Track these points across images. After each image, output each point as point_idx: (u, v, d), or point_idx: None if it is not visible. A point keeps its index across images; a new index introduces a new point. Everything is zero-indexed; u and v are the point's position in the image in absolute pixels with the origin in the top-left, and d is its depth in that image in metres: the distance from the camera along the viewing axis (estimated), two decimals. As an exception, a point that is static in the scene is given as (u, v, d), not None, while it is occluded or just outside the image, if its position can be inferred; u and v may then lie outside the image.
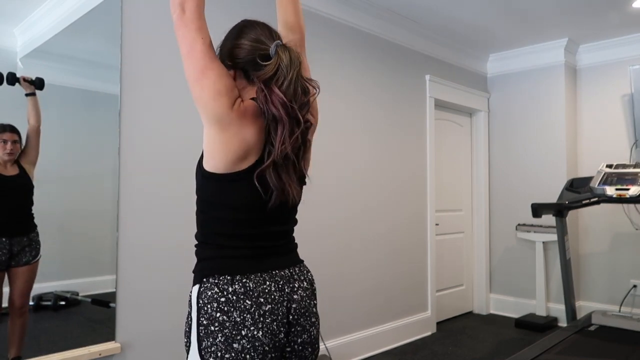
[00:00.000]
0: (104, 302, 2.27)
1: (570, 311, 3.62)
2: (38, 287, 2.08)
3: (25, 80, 2.03)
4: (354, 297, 3.47)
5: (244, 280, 1.10)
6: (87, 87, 2.24)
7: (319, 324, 1.24)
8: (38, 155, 2.08)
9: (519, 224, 4.57)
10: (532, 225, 4.44)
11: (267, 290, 1.11)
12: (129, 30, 2.36)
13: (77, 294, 2.20)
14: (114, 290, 2.27)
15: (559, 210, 3.49)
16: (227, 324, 1.07)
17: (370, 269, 3.62)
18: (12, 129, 2.01)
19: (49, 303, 2.12)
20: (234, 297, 1.08)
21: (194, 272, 1.16)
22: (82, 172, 2.21)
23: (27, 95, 2.05)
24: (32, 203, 2.06)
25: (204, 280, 1.11)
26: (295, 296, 1.17)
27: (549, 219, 4.08)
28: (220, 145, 1.08)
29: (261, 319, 1.09)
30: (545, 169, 4.47)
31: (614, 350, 3.02)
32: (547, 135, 4.47)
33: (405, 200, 3.95)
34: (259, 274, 1.12)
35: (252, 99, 1.16)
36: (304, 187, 1.25)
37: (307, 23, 3.46)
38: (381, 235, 3.72)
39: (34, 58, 2.08)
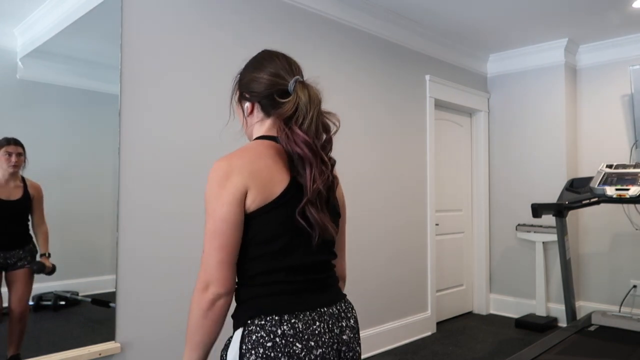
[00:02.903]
0: (104, 302, 2.27)
1: (570, 311, 3.62)
2: (38, 287, 2.08)
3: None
4: (354, 297, 3.47)
5: (292, 321, 1.03)
6: (87, 87, 2.24)
7: None
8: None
9: (519, 224, 4.57)
10: (532, 226, 4.44)
11: (317, 332, 1.05)
12: (129, 30, 2.36)
13: (77, 294, 2.20)
14: (114, 290, 2.27)
15: (559, 210, 3.49)
16: None
17: (370, 269, 3.62)
18: (17, 142, 2.01)
19: (49, 303, 2.12)
20: (283, 341, 1.01)
21: (233, 316, 1.10)
22: (82, 172, 2.21)
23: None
24: (28, 220, 2.07)
25: (249, 322, 1.04)
26: (344, 337, 1.11)
27: (549, 219, 4.08)
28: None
29: None
30: (545, 169, 4.47)
31: (614, 350, 3.02)
32: (547, 135, 4.47)
33: (405, 200, 3.95)
34: (308, 313, 1.06)
35: (266, 137, 1.15)
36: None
37: (308, 23, 3.48)
38: (381, 235, 3.72)
39: (34, 58, 2.08)
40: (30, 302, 2.07)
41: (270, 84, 1.14)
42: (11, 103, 2.01)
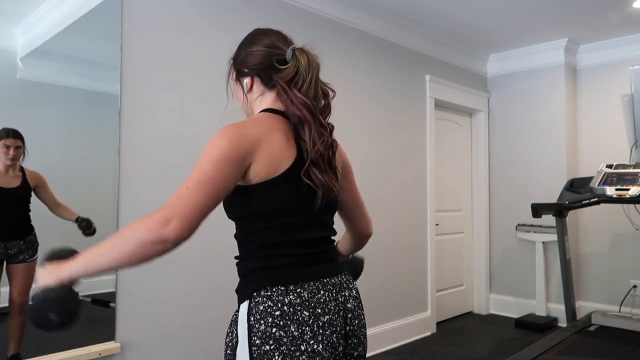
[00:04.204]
0: (104, 302, 2.27)
1: (570, 311, 3.62)
2: (38, 287, 2.08)
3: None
4: (354, 297, 3.47)
5: (298, 290, 1.04)
6: (87, 87, 2.24)
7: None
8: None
9: (519, 224, 4.57)
10: (532, 226, 4.44)
11: (322, 300, 1.06)
12: (129, 30, 2.36)
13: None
14: (114, 290, 2.27)
15: (559, 210, 3.50)
16: (285, 340, 1.00)
17: (370, 269, 3.61)
18: (16, 135, 2.01)
19: (49, 303, 2.12)
20: (290, 309, 1.02)
21: (238, 290, 1.10)
22: (82, 172, 2.21)
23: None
24: (29, 210, 2.06)
25: (254, 294, 1.04)
26: (349, 305, 1.13)
27: (549, 219, 4.07)
28: (255, 161, 1.06)
29: (320, 331, 1.03)
30: (545, 169, 4.47)
31: (614, 350, 3.03)
32: (547, 135, 4.47)
33: (405, 200, 3.95)
34: (312, 283, 1.07)
35: (268, 110, 1.15)
36: None
37: (308, 23, 3.47)
38: (381, 235, 3.71)
39: (34, 58, 2.08)
40: (31, 303, 2.07)
41: (267, 54, 1.15)
42: (11, 103, 2.01)
